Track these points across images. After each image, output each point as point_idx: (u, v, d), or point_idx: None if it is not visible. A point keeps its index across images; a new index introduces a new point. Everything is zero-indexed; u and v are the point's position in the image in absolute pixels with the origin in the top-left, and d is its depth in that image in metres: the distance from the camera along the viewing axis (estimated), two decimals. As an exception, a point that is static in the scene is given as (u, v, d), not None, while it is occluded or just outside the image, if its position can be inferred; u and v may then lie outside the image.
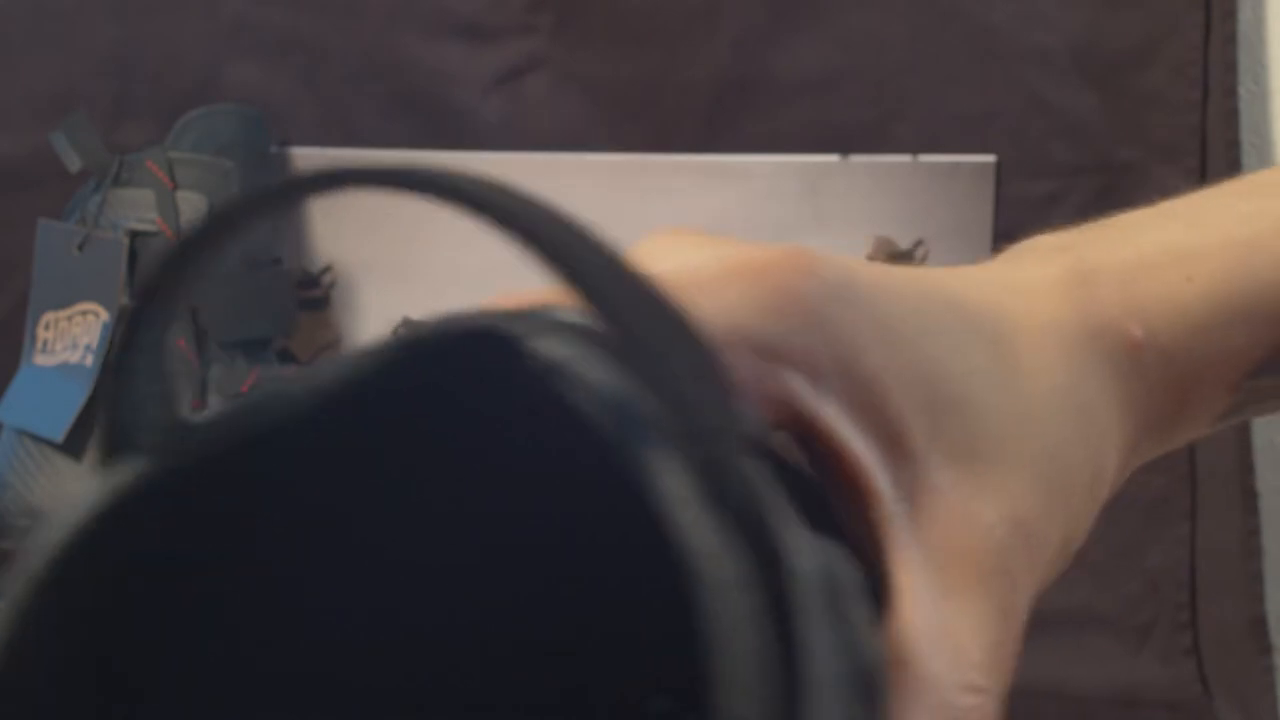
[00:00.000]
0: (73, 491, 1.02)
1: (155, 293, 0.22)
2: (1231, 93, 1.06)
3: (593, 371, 0.22)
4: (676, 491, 0.20)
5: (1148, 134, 1.07)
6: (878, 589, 0.26)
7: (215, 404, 1.01)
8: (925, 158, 1.14)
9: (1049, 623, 1.10)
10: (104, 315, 1.02)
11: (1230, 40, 1.06)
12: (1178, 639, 1.08)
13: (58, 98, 1.11)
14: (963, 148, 1.13)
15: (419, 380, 0.23)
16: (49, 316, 1.04)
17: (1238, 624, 1.08)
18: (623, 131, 1.12)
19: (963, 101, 1.06)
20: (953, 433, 0.28)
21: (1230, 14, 1.06)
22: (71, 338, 1.03)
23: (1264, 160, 1.09)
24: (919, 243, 1.16)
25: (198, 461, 0.23)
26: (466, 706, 0.28)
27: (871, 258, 1.16)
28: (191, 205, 1.03)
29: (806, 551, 0.22)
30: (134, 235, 1.03)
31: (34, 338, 1.05)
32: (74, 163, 1.03)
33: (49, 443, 1.01)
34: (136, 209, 1.04)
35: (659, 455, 0.21)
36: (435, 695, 0.28)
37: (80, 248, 1.04)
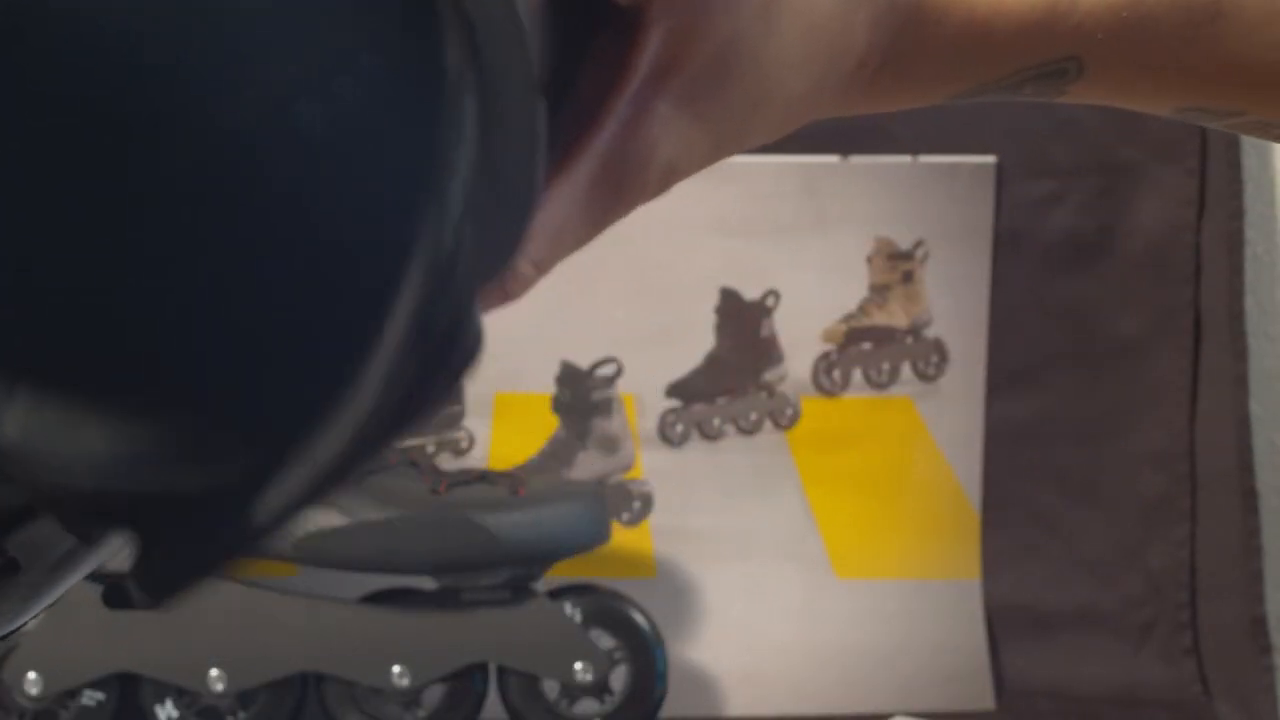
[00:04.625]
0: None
1: None
2: (1231, 93, 1.06)
3: None
4: None
5: (1148, 134, 1.07)
6: None
7: None
8: (925, 158, 1.14)
9: (1049, 623, 1.10)
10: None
11: (1230, 40, 1.06)
12: (1178, 639, 1.08)
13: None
14: (963, 148, 1.13)
15: None
16: (49, 317, 1.05)
17: (1238, 624, 1.08)
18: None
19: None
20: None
21: (1230, 14, 1.06)
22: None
23: (1264, 160, 1.09)
24: (919, 243, 1.16)
25: None
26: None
27: (871, 258, 1.16)
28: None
29: None
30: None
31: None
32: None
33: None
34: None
35: None
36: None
37: (80, 248, 1.04)
